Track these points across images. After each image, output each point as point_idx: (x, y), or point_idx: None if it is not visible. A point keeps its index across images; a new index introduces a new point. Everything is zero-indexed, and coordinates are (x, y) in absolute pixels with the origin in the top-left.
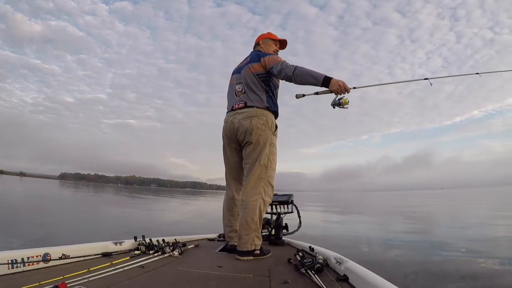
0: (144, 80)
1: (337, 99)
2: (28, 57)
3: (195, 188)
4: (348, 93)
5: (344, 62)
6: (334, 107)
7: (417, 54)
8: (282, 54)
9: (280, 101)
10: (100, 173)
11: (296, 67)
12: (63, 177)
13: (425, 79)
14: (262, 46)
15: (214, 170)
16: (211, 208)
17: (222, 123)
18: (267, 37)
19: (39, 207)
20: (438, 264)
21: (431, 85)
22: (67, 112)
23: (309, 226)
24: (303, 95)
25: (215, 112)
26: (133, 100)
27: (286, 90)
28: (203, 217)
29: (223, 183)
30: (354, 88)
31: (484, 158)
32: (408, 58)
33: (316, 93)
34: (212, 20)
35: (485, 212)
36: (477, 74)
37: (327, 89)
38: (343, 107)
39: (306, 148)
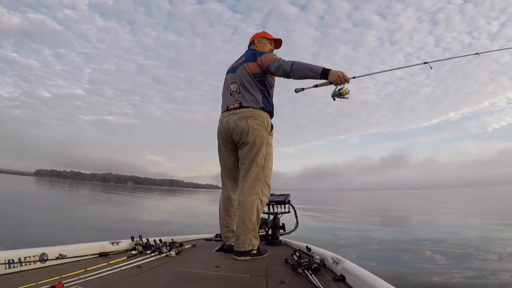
0: (123, 76)
1: (337, 89)
2: (5, 50)
3: (172, 186)
4: (348, 83)
5: (323, 62)
6: (334, 99)
7: (396, 56)
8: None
9: None
10: (76, 170)
11: (293, 62)
12: (39, 174)
13: (424, 63)
14: (257, 45)
15: (192, 168)
16: (191, 207)
17: (201, 121)
18: (262, 36)
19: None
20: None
21: (431, 68)
22: (44, 108)
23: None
24: (302, 89)
25: (193, 109)
26: (111, 96)
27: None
28: (185, 216)
29: (200, 181)
30: (354, 77)
31: (459, 159)
32: (387, 60)
33: (316, 86)
34: (193, 17)
35: (457, 211)
36: (476, 54)
37: (326, 81)
38: (343, 97)
39: (284, 147)
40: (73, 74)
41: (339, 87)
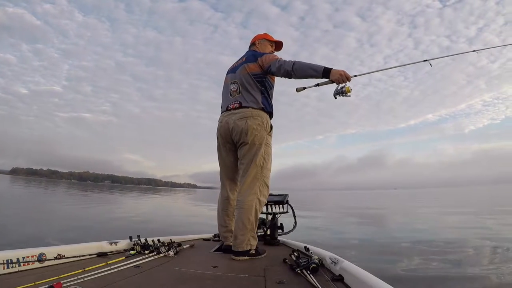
0: (101, 73)
1: (339, 88)
2: None
3: (150, 185)
4: (349, 81)
5: None
6: (336, 97)
7: (375, 58)
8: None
9: None
10: (53, 168)
11: (295, 62)
12: (15, 172)
13: (424, 60)
14: (257, 46)
15: (170, 167)
16: (169, 206)
17: (179, 119)
18: (263, 38)
19: None
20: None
21: (431, 65)
22: (20, 104)
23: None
24: (304, 88)
25: (172, 108)
26: (89, 94)
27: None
28: (165, 216)
29: (178, 180)
30: (355, 76)
31: (435, 160)
32: (366, 62)
33: (317, 85)
34: (173, 15)
35: (433, 210)
36: (474, 52)
37: (328, 80)
38: (346, 95)
39: None
40: (51, 70)
41: (341, 85)
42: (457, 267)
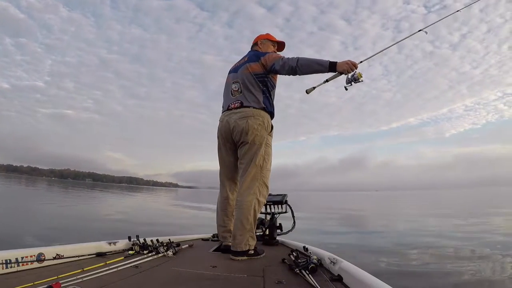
0: (84, 69)
1: (350, 76)
2: None
3: (131, 183)
4: (356, 68)
5: None
6: (346, 88)
7: (359, 61)
8: None
9: (220, 99)
10: (33, 165)
11: (299, 58)
12: None
13: (419, 30)
14: (260, 47)
15: (152, 166)
16: (149, 206)
17: (162, 118)
18: (266, 38)
19: None
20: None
21: (426, 33)
22: (1, 99)
23: None
24: (313, 88)
25: (155, 106)
26: (72, 90)
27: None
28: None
29: (160, 179)
30: (361, 62)
31: (416, 163)
32: None
33: (326, 81)
34: (159, 12)
35: (413, 212)
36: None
37: (336, 73)
38: (359, 81)
39: None
40: (33, 65)
41: (351, 73)
42: (426, 265)
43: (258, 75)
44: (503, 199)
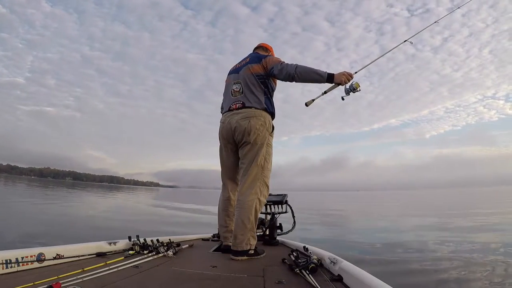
0: (66, 66)
1: (348, 86)
2: None
3: (112, 182)
4: (352, 78)
5: None
6: (343, 98)
7: (341, 62)
8: None
9: (202, 98)
10: (13, 164)
11: (297, 65)
12: None
13: (405, 41)
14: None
15: (133, 164)
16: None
17: (144, 116)
18: (268, 47)
19: None
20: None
21: (411, 43)
22: None
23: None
24: (313, 100)
25: (137, 104)
26: (53, 87)
27: (210, 87)
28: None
29: (141, 178)
30: (356, 72)
31: (396, 163)
32: (333, 66)
33: (325, 93)
34: (143, 10)
35: (385, 211)
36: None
37: (333, 84)
38: (357, 91)
39: None
40: (14, 60)
41: (348, 84)
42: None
43: (260, 76)
44: (477, 200)
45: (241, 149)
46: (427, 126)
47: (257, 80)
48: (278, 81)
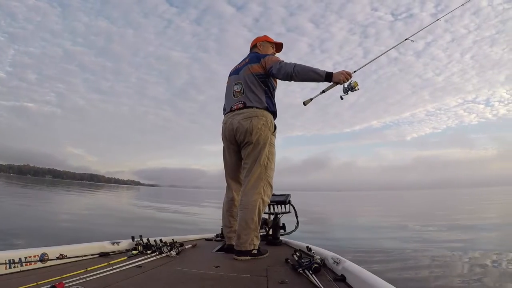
0: (48, 61)
1: (346, 85)
2: None
3: (92, 181)
4: (351, 77)
5: None
6: (342, 98)
7: (325, 64)
8: None
9: (185, 96)
10: None
11: (295, 64)
12: None
13: (405, 39)
14: (259, 48)
15: (114, 162)
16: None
17: (126, 114)
18: (264, 40)
19: None
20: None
21: (412, 41)
22: None
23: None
24: (311, 99)
25: (119, 102)
26: (34, 82)
27: (194, 86)
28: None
29: (122, 176)
30: (355, 71)
31: (377, 164)
32: (316, 67)
33: (323, 91)
34: (128, 6)
35: (374, 212)
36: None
37: (332, 83)
38: (355, 90)
39: (209, 145)
40: None
41: (347, 82)
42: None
43: (260, 76)
44: (454, 201)
45: (243, 149)
46: (408, 128)
47: (257, 79)
48: (279, 81)
